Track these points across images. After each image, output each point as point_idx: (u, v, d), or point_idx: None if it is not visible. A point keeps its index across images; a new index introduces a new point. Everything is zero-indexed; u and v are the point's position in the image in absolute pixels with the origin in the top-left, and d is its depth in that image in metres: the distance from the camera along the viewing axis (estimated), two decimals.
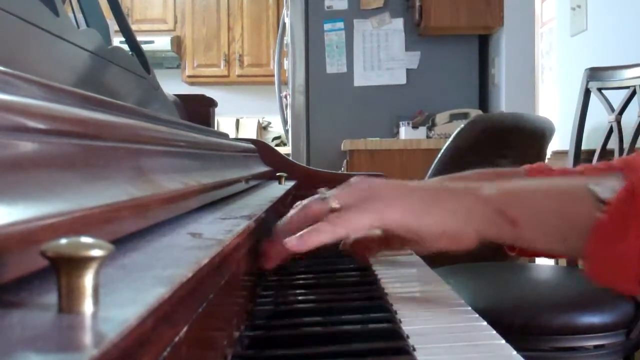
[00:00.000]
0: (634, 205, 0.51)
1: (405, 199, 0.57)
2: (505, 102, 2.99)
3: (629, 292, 0.89)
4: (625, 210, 0.51)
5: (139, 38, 1.01)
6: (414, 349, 0.45)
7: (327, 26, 3.15)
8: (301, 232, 0.56)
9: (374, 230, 0.64)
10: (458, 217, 0.56)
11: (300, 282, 0.67)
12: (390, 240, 0.67)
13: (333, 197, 0.58)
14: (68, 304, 0.21)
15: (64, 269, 0.21)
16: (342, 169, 2.81)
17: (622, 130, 1.72)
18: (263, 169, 1.14)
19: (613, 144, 1.73)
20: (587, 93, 1.84)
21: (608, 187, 0.53)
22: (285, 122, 3.54)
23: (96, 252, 0.21)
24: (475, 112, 2.91)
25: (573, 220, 0.54)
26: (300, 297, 0.61)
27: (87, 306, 0.21)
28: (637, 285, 0.52)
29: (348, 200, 0.58)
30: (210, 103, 1.36)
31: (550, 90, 3.38)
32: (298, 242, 0.55)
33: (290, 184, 1.08)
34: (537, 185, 0.60)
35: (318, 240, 0.56)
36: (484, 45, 3.23)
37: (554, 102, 2.88)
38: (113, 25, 0.97)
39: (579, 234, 0.53)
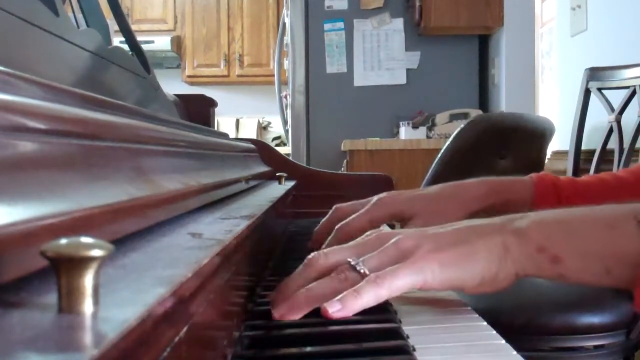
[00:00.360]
0: None
1: (442, 252, 0.53)
2: (505, 102, 2.99)
3: None
4: None
5: (139, 38, 1.01)
6: (414, 349, 0.45)
7: (327, 26, 3.15)
8: (340, 296, 0.50)
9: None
10: (495, 261, 0.53)
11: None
12: None
13: (361, 263, 0.53)
14: (68, 304, 0.21)
15: (64, 269, 0.21)
16: (342, 169, 2.81)
17: (622, 130, 1.72)
18: (263, 169, 1.14)
19: (613, 144, 1.73)
20: (587, 93, 1.84)
21: None
22: (285, 122, 3.54)
23: (96, 252, 0.21)
24: (475, 112, 2.91)
25: (620, 252, 0.52)
26: None
27: (87, 306, 0.21)
28: None
29: (376, 261, 0.53)
30: (210, 103, 1.36)
31: (550, 90, 3.38)
32: (340, 308, 0.50)
33: (290, 184, 1.08)
34: (581, 217, 0.56)
35: (361, 304, 0.50)
36: (484, 45, 3.23)
37: (554, 102, 2.88)
38: (113, 25, 0.97)
39: (626, 265, 0.51)
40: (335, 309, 0.49)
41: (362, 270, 0.52)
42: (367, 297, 0.50)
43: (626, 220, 0.52)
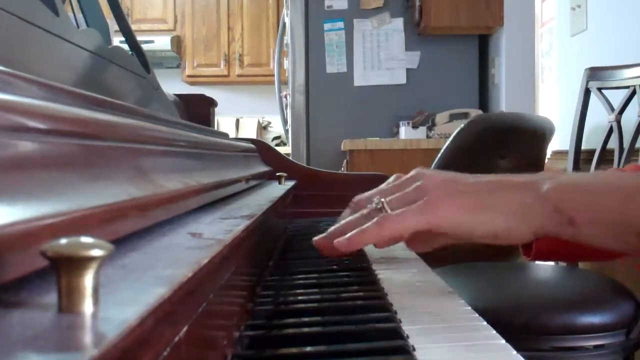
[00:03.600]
0: None
1: (457, 197, 0.57)
2: (505, 102, 2.99)
3: None
4: None
5: (139, 38, 1.01)
6: (414, 349, 0.45)
7: (327, 26, 3.15)
8: (350, 234, 0.58)
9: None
10: (514, 215, 0.55)
11: (300, 282, 0.67)
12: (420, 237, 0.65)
13: (387, 201, 0.59)
14: (68, 304, 0.21)
15: (64, 269, 0.21)
16: (342, 169, 2.81)
17: (622, 130, 1.72)
18: (263, 168, 1.14)
19: (613, 143, 1.73)
20: (587, 93, 1.84)
21: None
22: (285, 122, 3.54)
23: (96, 252, 0.21)
24: (475, 112, 2.91)
25: (634, 220, 0.53)
26: (300, 297, 0.61)
27: (87, 306, 0.21)
28: None
29: (398, 203, 0.58)
30: (210, 103, 1.36)
31: (550, 90, 3.38)
32: (346, 243, 0.58)
33: (290, 184, 1.08)
34: (599, 181, 0.58)
35: (363, 241, 0.58)
36: (484, 45, 3.23)
37: (554, 102, 2.88)
38: (113, 25, 0.97)
39: (638, 235, 0.53)
40: (340, 242, 0.58)
41: (385, 209, 0.58)
42: (369, 235, 0.57)
43: None
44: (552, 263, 1.92)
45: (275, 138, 5.24)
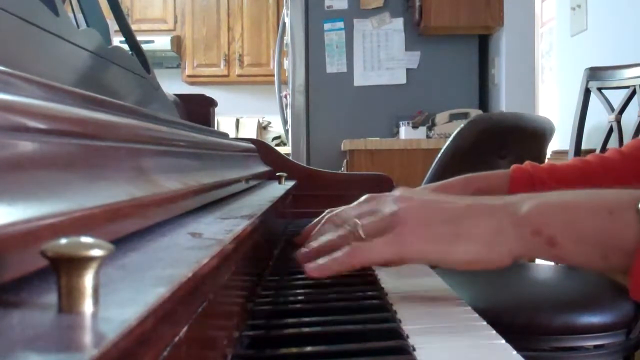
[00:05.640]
0: None
1: (430, 227, 0.56)
2: (505, 102, 2.99)
3: None
4: None
5: (139, 38, 1.01)
6: (414, 349, 0.45)
7: (327, 26, 3.15)
8: (320, 261, 0.59)
9: None
10: (487, 243, 0.55)
11: (300, 282, 0.67)
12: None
13: (361, 225, 0.59)
14: (68, 304, 0.21)
15: (64, 269, 0.21)
16: (342, 168, 2.81)
17: (622, 130, 1.72)
18: (263, 168, 1.14)
19: (613, 143, 1.73)
20: (587, 93, 1.84)
21: None
22: (285, 122, 3.54)
23: (96, 252, 0.21)
24: (475, 112, 2.91)
25: (617, 239, 0.52)
26: (300, 297, 0.61)
27: (87, 306, 0.21)
28: None
29: (372, 229, 0.58)
30: (210, 103, 1.36)
31: (550, 90, 3.38)
32: (316, 270, 0.58)
33: (290, 184, 1.08)
34: (580, 199, 0.57)
35: (333, 270, 0.58)
36: (484, 45, 3.23)
37: (554, 102, 2.88)
38: (113, 25, 0.97)
39: (623, 253, 0.52)
40: (311, 268, 0.58)
41: (359, 233, 0.59)
42: (340, 264, 0.58)
43: (626, 208, 0.52)
44: (552, 263, 1.92)
45: (275, 138, 5.24)
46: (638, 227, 0.51)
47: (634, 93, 1.67)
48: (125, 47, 0.92)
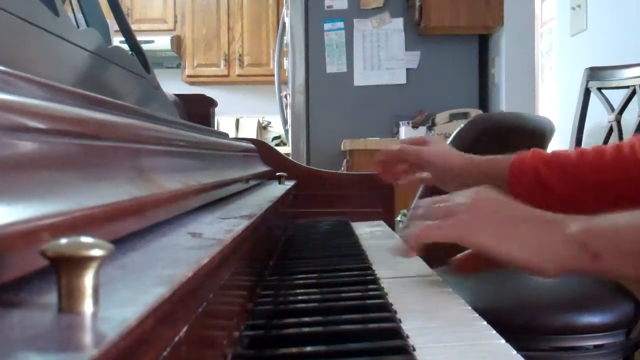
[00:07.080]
0: None
1: (492, 223, 0.63)
2: (505, 102, 2.99)
3: None
4: None
5: (139, 38, 1.01)
6: (414, 349, 0.45)
7: (327, 26, 3.15)
8: (423, 225, 0.64)
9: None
10: (535, 249, 0.61)
11: (300, 282, 0.67)
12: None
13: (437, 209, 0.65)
14: (68, 304, 0.21)
15: (64, 269, 0.21)
16: (342, 168, 2.81)
17: (622, 129, 1.72)
18: (263, 168, 1.14)
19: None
20: (587, 93, 1.84)
21: None
22: (285, 122, 3.54)
23: (96, 252, 0.21)
24: (475, 112, 2.91)
25: None
26: (300, 297, 0.61)
27: (87, 306, 0.21)
28: None
29: (443, 213, 0.64)
30: (210, 103, 1.36)
31: (550, 90, 3.38)
32: (417, 235, 0.64)
33: (290, 184, 1.08)
34: (627, 221, 0.62)
35: (432, 237, 0.63)
36: (484, 45, 3.23)
37: (554, 102, 2.88)
38: (113, 25, 0.97)
39: None
40: (414, 235, 0.64)
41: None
42: (416, 239, 0.64)
43: None
44: None
45: (275, 138, 5.23)
46: None
47: (634, 93, 1.67)
48: (125, 47, 0.92)
